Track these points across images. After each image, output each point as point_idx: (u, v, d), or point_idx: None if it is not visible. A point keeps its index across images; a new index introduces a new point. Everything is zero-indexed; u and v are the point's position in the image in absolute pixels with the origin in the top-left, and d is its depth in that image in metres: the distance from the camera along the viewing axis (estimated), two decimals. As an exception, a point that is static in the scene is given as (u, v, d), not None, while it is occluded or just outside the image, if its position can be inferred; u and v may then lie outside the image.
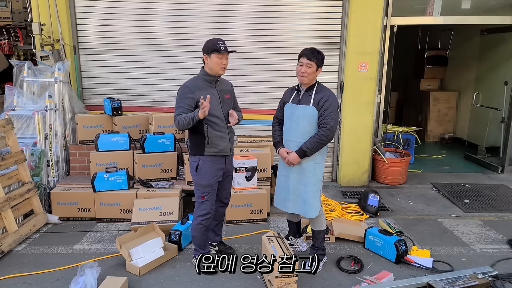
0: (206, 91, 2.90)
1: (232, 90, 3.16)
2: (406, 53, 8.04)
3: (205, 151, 2.95)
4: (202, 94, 2.85)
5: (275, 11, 4.92)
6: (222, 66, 2.91)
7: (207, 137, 2.92)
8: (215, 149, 2.96)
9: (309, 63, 2.94)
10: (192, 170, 3.02)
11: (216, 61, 2.87)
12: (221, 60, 2.88)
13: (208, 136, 2.92)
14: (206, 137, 2.92)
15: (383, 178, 5.32)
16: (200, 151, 2.96)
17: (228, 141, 3.03)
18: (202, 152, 2.96)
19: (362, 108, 5.06)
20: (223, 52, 2.86)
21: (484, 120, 6.56)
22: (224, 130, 2.99)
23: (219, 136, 2.96)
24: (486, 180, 5.56)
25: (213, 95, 2.93)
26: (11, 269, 3.15)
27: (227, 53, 2.91)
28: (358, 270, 3.18)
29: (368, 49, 4.90)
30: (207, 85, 2.95)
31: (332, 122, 2.94)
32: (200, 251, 3.12)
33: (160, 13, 4.89)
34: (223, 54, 2.88)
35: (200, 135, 2.94)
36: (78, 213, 4.06)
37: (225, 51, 2.87)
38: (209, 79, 2.95)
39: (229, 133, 3.05)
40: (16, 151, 3.72)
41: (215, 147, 2.96)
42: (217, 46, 2.84)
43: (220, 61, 2.88)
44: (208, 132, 2.92)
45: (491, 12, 5.56)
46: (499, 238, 3.82)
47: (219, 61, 2.87)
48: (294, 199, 3.13)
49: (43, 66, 4.59)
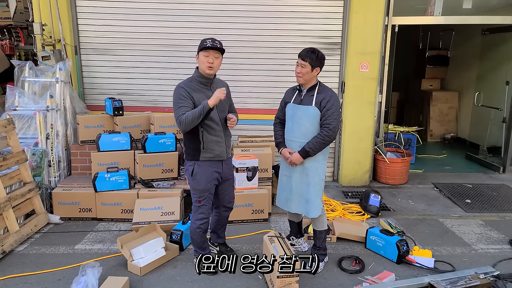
0: (201, 93, 2.80)
1: (228, 91, 2.98)
2: (407, 53, 8.03)
3: (200, 156, 2.85)
4: (197, 96, 2.75)
5: (276, 11, 4.92)
6: (209, 65, 2.70)
7: (202, 142, 2.82)
8: (210, 154, 2.87)
9: (303, 63, 2.93)
10: (188, 174, 2.94)
11: (202, 60, 2.70)
12: (207, 58, 2.68)
13: (203, 141, 2.82)
14: (201, 142, 2.82)
15: (384, 178, 5.31)
16: (195, 156, 2.86)
17: (225, 145, 2.93)
18: (197, 157, 2.86)
19: (363, 108, 5.06)
20: (210, 49, 2.66)
21: (485, 120, 6.55)
22: (220, 134, 2.89)
23: (215, 141, 2.86)
24: (488, 180, 5.55)
25: (208, 97, 2.74)
26: (13, 269, 3.16)
27: (216, 51, 2.70)
28: (360, 270, 3.18)
29: (369, 49, 4.90)
30: (202, 87, 2.81)
31: (335, 123, 2.94)
32: (200, 252, 3.12)
33: (161, 13, 4.89)
34: (210, 52, 2.68)
35: (195, 140, 2.83)
36: (79, 213, 4.06)
37: (212, 47, 2.66)
38: (203, 81, 2.81)
39: (226, 137, 2.95)
40: (18, 151, 3.73)
41: (210, 152, 2.87)
42: (203, 44, 2.66)
43: (206, 59, 2.68)
44: (204, 136, 2.82)
45: (493, 12, 5.55)
46: (501, 238, 3.81)
47: (205, 59, 2.69)
48: (296, 199, 3.13)
49: (44, 66, 4.60)
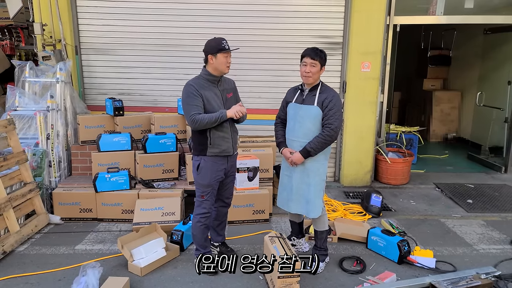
0: (209, 91, 2.92)
1: (234, 87, 3.16)
2: (409, 52, 8.01)
3: (207, 151, 2.94)
4: (205, 93, 2.88)
5: (277, 10, 4.91)
6: (228, 65, 2.93)
7: (209, 137, 2.92)
8: (217, 150, 2.96)
9: (313, 62, 2.93)
10: (194, 169, 3.03)
11: (223, 61, 2.88)
12: (226, 59, 2.90)
13: (210, 137, 2.92)
14: (208, 138, 2.92)
15: (386, 178, 5.29)
16: (202, 151, 2.96)
17: (231, 141, 3.02)
18: (204, 152, 2.95)
19: (365, 108, 5.04)
20: (229, 50, 2.89)
21: (487, 120, 6.53)
22: (227, 130, 2.98)
23: (222, 137, 2.95)
24: (489, 180, 5.53)
25: (216, 95, 2.95)
26: (13, 269, 3.15)
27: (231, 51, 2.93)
28: (361, 271, 3.17)
29: (370, 48, 4.89)
30: (210, 85, 2.95)
31: (337, 123, 2.92)
32: (201, 250, 3.12)
33: (162, 13, 4.88)
34: (228, 53, 2.90)
35: (202, 135, 2.93)
36: (80, 214, 4.06)
37: (230, 49, 2.90)
38: (212, 79, 2.95)
39: (232, 132, 3.03)
40: (18, 152, 3.73)
41: (217, 147, 2.95)
42: (222, 45, 2.86)
43: (225, 60, 2.89)
44: (211, 132, 2.91)
45: (495, 12, 5.53)
46: (502, 238, 3.80)
47: (225, 60, 2.89)
48: (297, 199, 3.12)
49: (44, 66, 4.59)
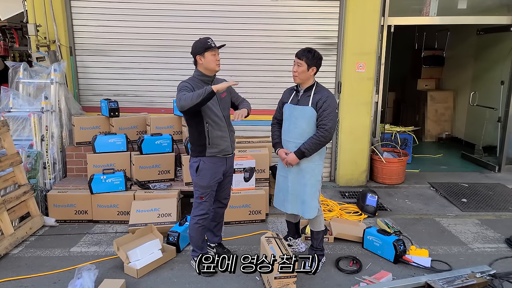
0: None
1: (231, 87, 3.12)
2: (403, 53, 8.06)
3: (206, 152, 2.95)
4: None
5: (272, 11, 4.91)
6: (217, 63, 2.94)
7: (208, 137, 2.92)
8: (216, 149, 2.96)
9: (299, 62, 2.96)
10: (192, 170, 3.02)
11: (211, 59, 2.89)
12: (215, 56, 2.91)
13: (209, 137, 2.92)
14: (207, 138, 2.92)
15: (381, 178, 5.32)
16: (201, 152, 2.96)
17: (229, 140, 3.03)
18: (203, 153, 2.95)
19: (359, 108, 5.06)
20: (215, 48, 2.90)
21: (481, 119, 6.58)
22: (225, 130, 2.99)
23: (220, 136, 2.96)
24: (483, 179, 5.57)
25: None
26: (8, 272, 3.13)
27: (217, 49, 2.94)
28: (357, 270, 3.18)
29: (365, 49, 4.91)
30: (204, 85, 2.94)
31: (331, 123, 2.93)
32: (198, 251, 3.12)
33: (157, 14, 4.87)
34: (216, 51, 2.91)
35: (201, 136, 2.93)
36: (75, 215, 4.03)
37: (216, 47, 2.91)
38: (205, 79, 2.95)
39: (230, 132, 3.05)
40: (12, 153, 3.69)
41: (216, 147, 2.95)
42: (208, 44, 2.87)
43: (214, 58, 2.91)
44: (209, 132, 2.92)
45: (487, 12, 5.57)
46: (497, 237, 3.83)
47: (213, 58, 2.90)
48: (292, 199, 3.13)
49: (39, 68, 4.57)
